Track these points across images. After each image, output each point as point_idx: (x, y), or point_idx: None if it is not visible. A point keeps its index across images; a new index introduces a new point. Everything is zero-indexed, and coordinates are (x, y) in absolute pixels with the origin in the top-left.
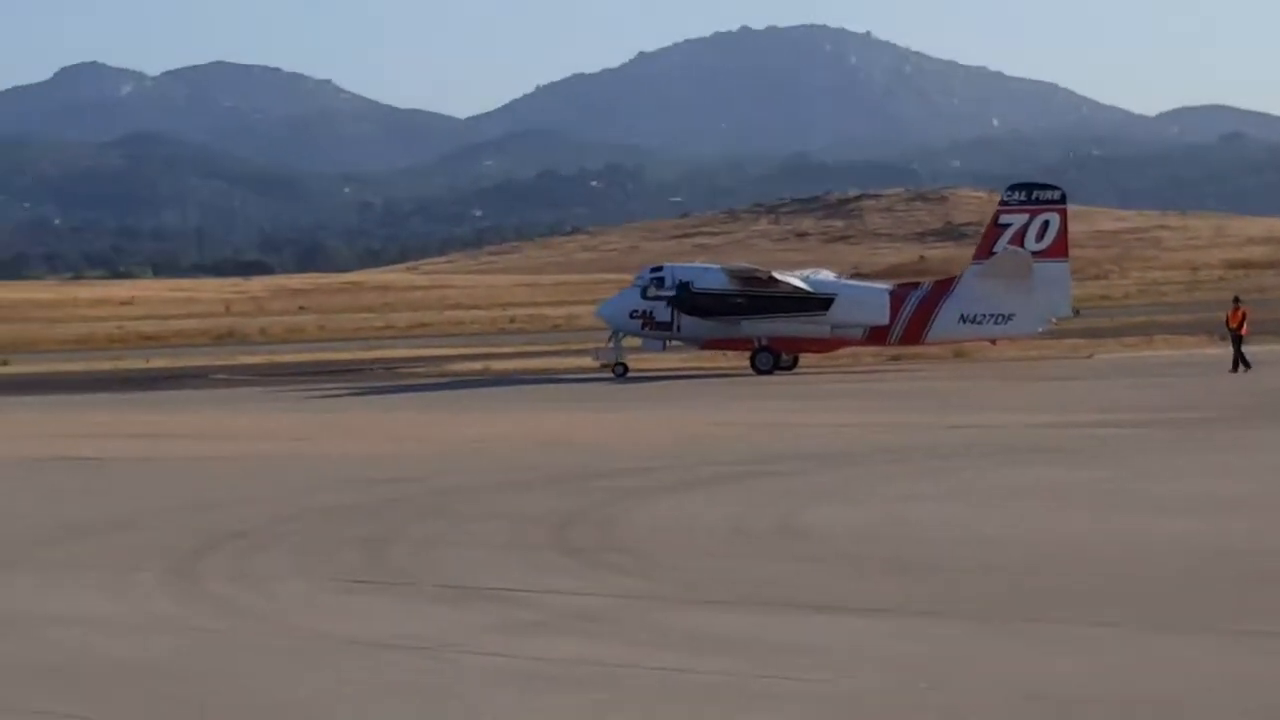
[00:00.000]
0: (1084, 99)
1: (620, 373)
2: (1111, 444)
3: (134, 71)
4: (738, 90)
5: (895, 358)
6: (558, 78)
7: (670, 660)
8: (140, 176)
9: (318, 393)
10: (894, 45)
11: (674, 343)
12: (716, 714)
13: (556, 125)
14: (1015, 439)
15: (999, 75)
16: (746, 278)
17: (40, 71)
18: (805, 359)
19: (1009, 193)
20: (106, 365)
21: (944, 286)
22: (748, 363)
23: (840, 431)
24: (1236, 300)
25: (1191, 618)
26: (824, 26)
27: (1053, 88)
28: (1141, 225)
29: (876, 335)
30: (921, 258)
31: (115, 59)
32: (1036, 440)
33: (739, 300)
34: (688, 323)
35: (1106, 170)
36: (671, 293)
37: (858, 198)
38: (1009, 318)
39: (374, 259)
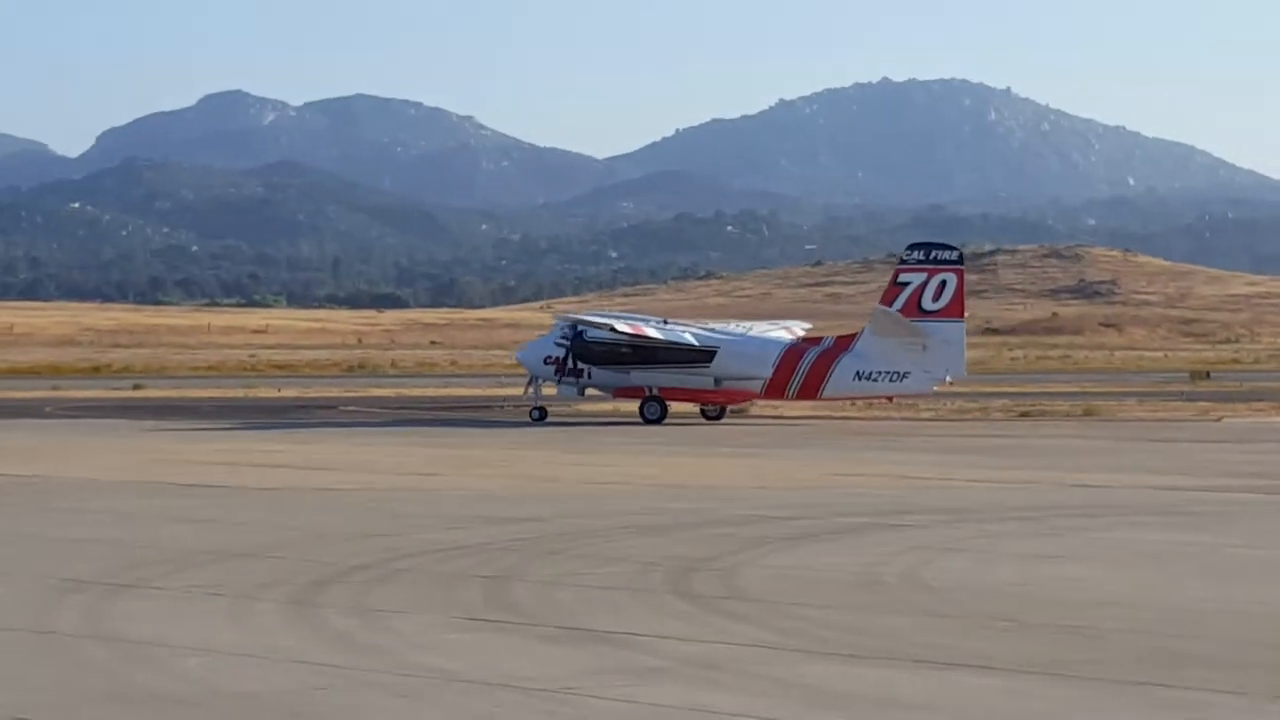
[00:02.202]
0: (1220, 161)
1: (537, 416)
2: (1239, 509)
3: (277, 101)
4: (876, 141)
5: (1024, 414)
6: (697, 122)
7: (787, 713)
8: (279, 205)
9: (446, 427)
10: (1033, 101)
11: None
12: None
13: (694, 169)
14: (1142, 501)
15: (1136, 135)
16: (587, 327)
17: (184, 98)
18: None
19: (908, 252)
20: (237, 393)
21: (845, 343)
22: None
23: (967, 487)
24: None
25: None
26: (964, 81)
27: (1190, 149)
28: (1275, 290)
29: (774, 388)
30: (1054, 315)
31: (259, 88)
32: (1163, 503)
33: (624, 350)
34: (598, 371)
35: (1241, 233)
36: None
37: (992, 252)
38: (904, 376)
39: (508, 296)
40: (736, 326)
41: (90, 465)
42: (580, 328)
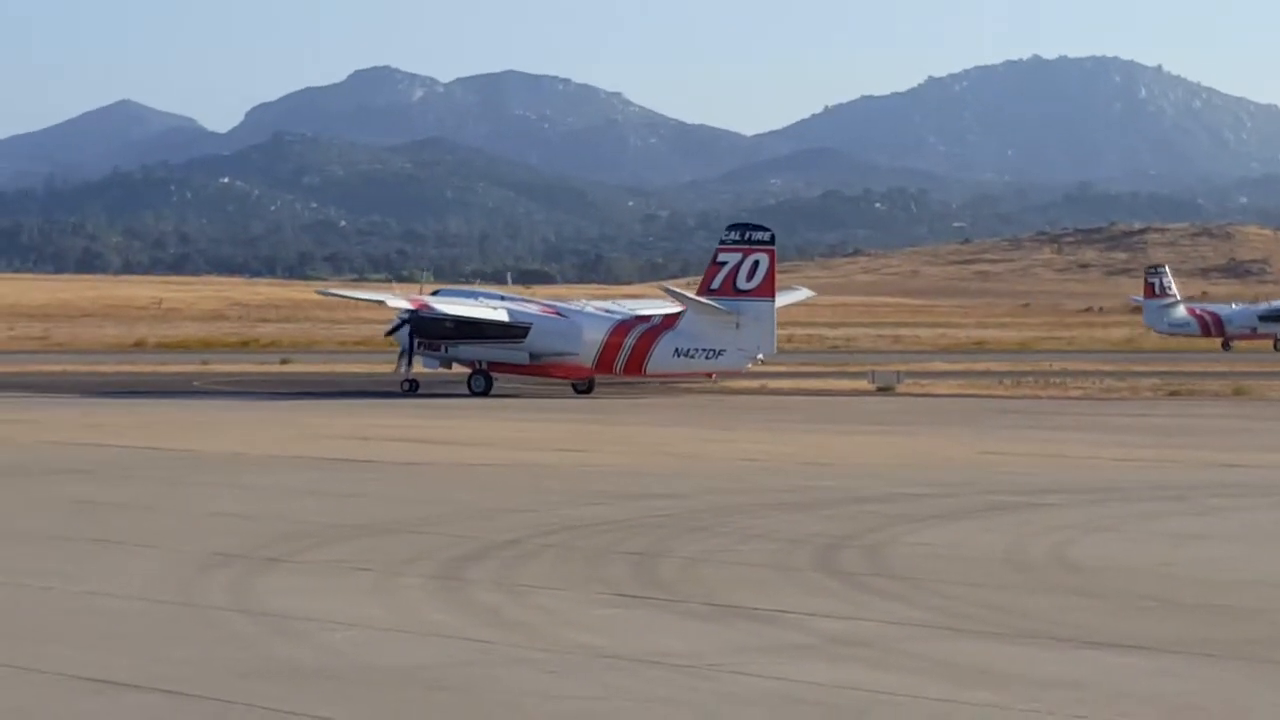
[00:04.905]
0: None
1: (408, 388)
2: None
3: (426, 77)
4: (1025, 118)
5: (1173, 392)
6: (846, 99)
7: (933, 690)
8: (427, 181)
9: (587, 403)
10: (1185, 79)
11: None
12: None
13: (843, 146)
14: None
15: None
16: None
17: (334, 74)
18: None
19: (727, 232)
20: (386, 367)
21: (671, 321)
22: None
23: (1115, 466)
24: None
25: None
26: (1115, 58)
27: None
28: None
29: (603, 364)
30: (1204, 294)
31: (408, 64)
32: None
33: (449, 326)
34: (455, 346)
35: None
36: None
37: (1142, 231)
38: (719, 353)
39: (655, 272)
40: (620, 304)
41: (238, 440)
42: (421, 307)
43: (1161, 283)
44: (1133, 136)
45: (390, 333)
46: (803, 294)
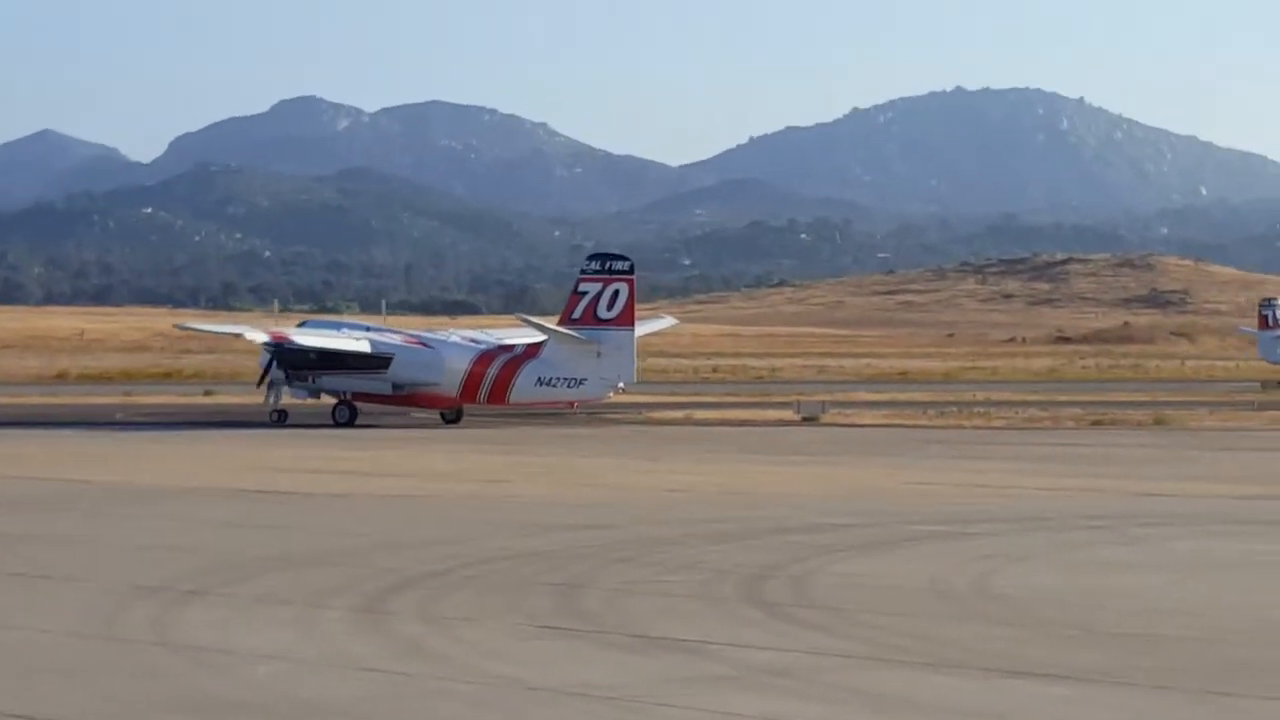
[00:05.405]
0: None
1: (277, 419)
2: None
3: (351, 107)
4: (949, 149)
5: (1096, 422)
6: (771, 130)
7: None
8: (352, 211)
9: (513, 435)
10: (1106, 111)
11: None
12: None
13: (768, 177)
14: (1212, 510)
15: (1209, 145)
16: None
17: (258, 104)
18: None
19: (588, 262)
20: (309, 400)
21: (534, 350)
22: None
23: (1037, 496)
24: None
25: None
26: (1038, 90)
27: (1262, 159)
28: None
29: (467, 393)
30: (1126, 324)
31: (333, 94)
32: (1233, 512)
33: (312, 356)
34: (324, 377)
35: None
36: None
37: (1065, 261)
38: (581, 382)
39: None
40: (488, 334)
41: (161, 472)
42: (281, 340)
43: (1275, 314)
44: (1056, 168)
45: (266, 370)
46: (666, 322)
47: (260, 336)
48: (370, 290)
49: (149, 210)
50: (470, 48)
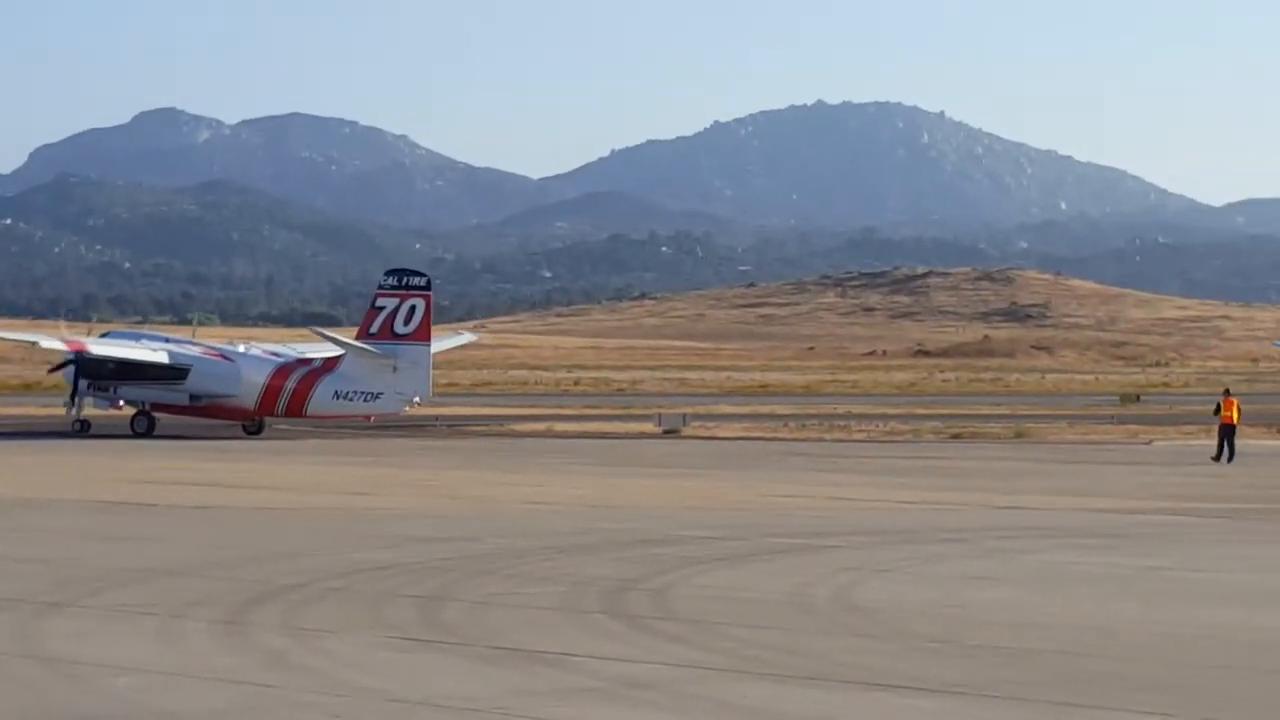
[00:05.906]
0: (1152, 186)
1: (79, 428)
2: (1165, 531)
3: (211, 119)
4: (810, 163)
5: (955, 435)
6: (632, 143)
7: None
8: (213, 224)
9: (377, 447)
10: (966, 125)
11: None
12: None
13: (629, 189)
14: (1072, 523)
15: (1069, 159)
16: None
17: (118, 115)
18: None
19: (385, 277)
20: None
21: (331, 364)
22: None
23: (898, 509)
24: (1227, 392)
25: (1235, 708)
26: (899, 104)
27: (1121, 174)
28: (1204, 314)
29: (265, 405)
30: (986, 337)
31: (193, 106)
32: (1093, 525)
33: (111, 367)
34: (122, 386)
35: (1172, 258)
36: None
37: (925, 275)
38: (377, 396)
39: (441, 315)
40: (290, 348)
41: (20, 483)
42: (80, 350)
43: None
44: (916, 181)
45: (55, 369)
46: (464, 338)
47: (56, 345)
48: (231, 302)
49: (8, 221)
50: (330, 59)
